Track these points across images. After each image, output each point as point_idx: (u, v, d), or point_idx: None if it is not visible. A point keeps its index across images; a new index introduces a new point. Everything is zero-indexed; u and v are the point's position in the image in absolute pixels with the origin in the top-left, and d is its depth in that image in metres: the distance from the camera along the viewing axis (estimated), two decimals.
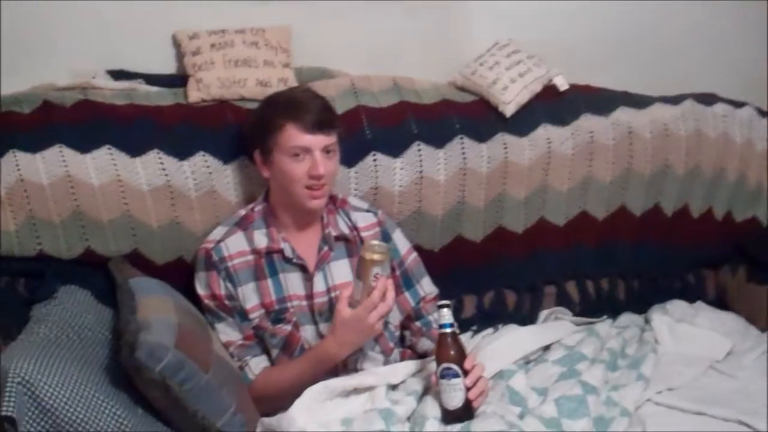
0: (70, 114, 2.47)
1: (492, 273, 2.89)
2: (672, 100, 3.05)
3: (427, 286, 2.64)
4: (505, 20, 2.99)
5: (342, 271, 2.45)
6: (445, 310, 2.20)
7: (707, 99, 3.09)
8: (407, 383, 2.32)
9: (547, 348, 2.59)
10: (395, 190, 2.71)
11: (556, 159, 2.88)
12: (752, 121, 3.11)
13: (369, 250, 2.16)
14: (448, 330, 2.19)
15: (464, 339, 2.60)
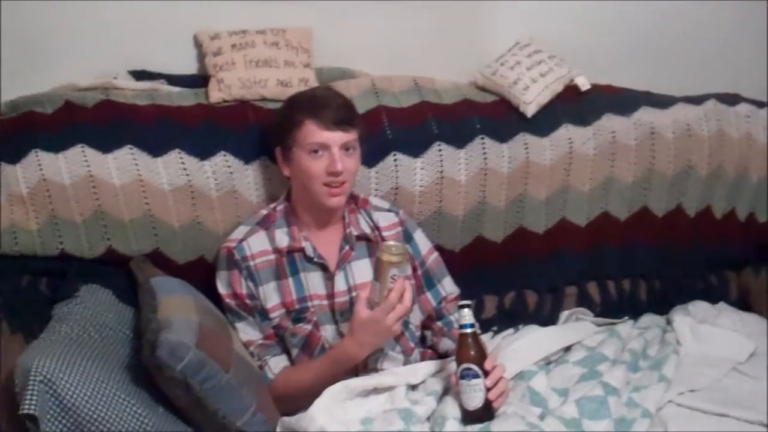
0: (92, 114, 2.48)
1: (513, 273, 2.88)
2: (695, 100, 3.03)
3: (449, 285, 2.64)
4: (526, 20, 2.99)
5: (363, 271, 2.45)
6: (466, 310, 2.19)
7: (730, 99, 3.06)
8: (427, 383, 2.32)
9: (568, 349, 2.58)
10: (416, 190, 2.70)
11: (578, 159, 2.87)
12: None
13: (386, 252, 2.15)
14: (469, 330, 2.18)
15: (485, 339, 2.59)
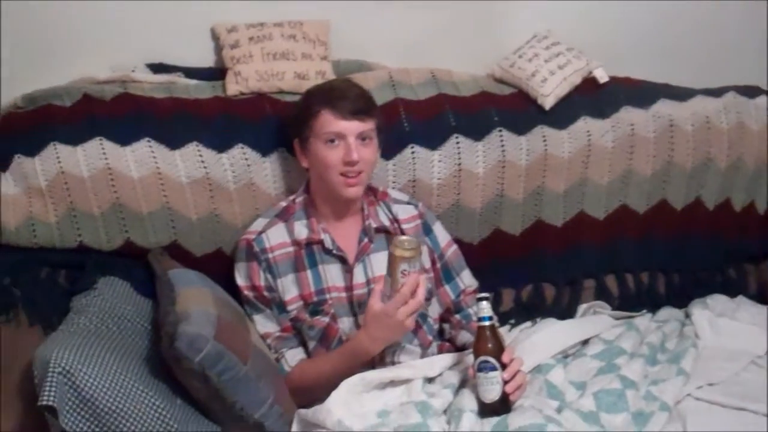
0: (110, 107, 2.49)
1: (531, 266, 2.88)
2: (714, 92, 3.01)
3: (467, 278, 2.64)
4: (544, 12, 2.97)
5: (382, 264, 2.41)
6: (484, 303, 2.19)
7: (750, 91, 3.05)
8: (444, 376, 2.32)
9: (586, 342, 2.57)
10: (434, 183, 2.70)
11: (596, 152, 2.86)
12: None
13: (399, 247, 2.14)
14: (487, 323, 2.18)
15: (502, 332, 2.58)
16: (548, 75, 2.80)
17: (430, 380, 2.32)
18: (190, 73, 2.69)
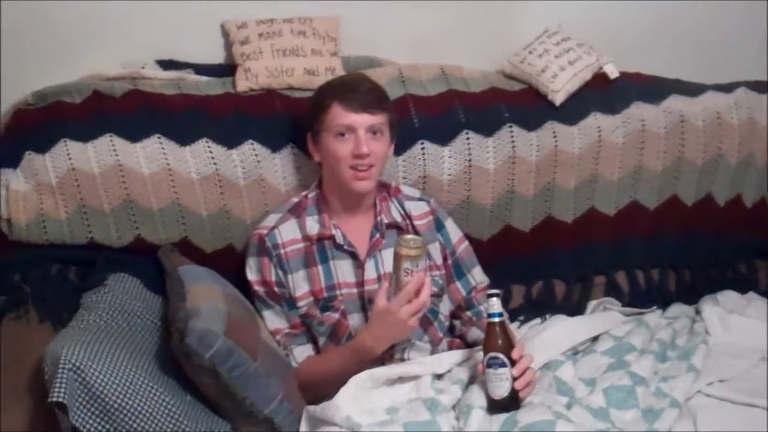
0: (120, 104, 2.50)
1: (541, 263, 2.88)
2: (725, 87, 3.01)
3: (479, 275, 2.63)
4: (554, 7, 2.97)
5: None
6: (494, 299, 2.18)
7: (760, 87, 3.04)
8: (453, 372, 2.31)
9: (596, 339, 2.57)
10: (444, 179, 2.70)
11: (607, 148, 2.85)
12: None
13: (403, 245, 2.13)
14: (497, 319, 2.17)
15: (512, 329, 2.58)
16: (558, 71, 2.80)
17: (439, 377, 2.32)
18: (199, 69, 2.69)
